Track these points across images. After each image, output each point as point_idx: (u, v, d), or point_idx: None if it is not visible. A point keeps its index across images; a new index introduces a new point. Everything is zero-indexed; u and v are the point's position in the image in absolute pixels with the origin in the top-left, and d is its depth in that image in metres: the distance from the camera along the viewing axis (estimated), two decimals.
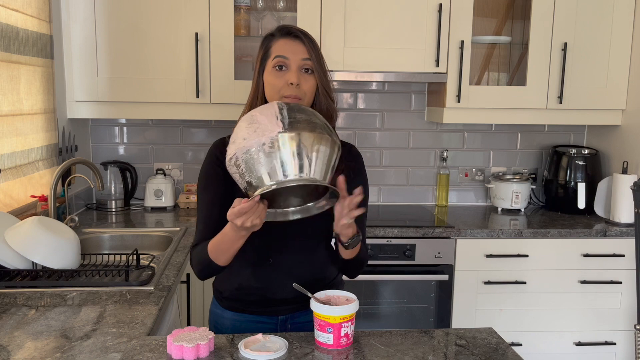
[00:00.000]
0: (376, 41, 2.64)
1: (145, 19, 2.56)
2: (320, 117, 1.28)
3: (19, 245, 1.69)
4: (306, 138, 1.19)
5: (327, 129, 1.26)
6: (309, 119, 1.23)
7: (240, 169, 1.21)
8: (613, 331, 2.66)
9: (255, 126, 1.20)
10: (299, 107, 1.26)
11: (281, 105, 1.25)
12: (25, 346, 1.25)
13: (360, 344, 1.28)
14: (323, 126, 1.25)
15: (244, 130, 1.22)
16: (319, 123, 1.24)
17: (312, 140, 1.19)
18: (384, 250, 2.50)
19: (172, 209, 2.88)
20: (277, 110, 1.23)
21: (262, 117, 1.21)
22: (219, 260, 1.40)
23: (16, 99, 2.09)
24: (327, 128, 1.26)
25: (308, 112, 1.26)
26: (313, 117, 1.26)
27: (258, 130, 1.19)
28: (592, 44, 2.75)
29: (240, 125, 1.25)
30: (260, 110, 1.25)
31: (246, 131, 1.21)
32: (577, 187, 2.85)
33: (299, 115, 1.23)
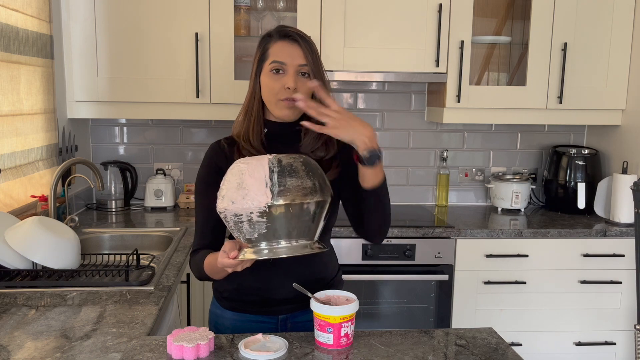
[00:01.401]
0: (376, 41, 2.64)
1: (146, 19, 2.56)
2: (314, 172, 1.25)
3: (19, 245, 1.69)
4: (295, 208, 1.19)
5: (319, 186, 1.23)
6: (301, 183, 1.21)
7: (229, 225, 1.25)
8: (613, 331, 2.66)
9: (244, 192, 1.19)
10: (291, 168, 1.22)
11: (272, 167, 1.21)
12: (25, 346, 1.25)
13: (360, 344, 1.28)
14: (316, 187, 1.23)
15: (232, 192, 1.21)
16: (309, 186, 1.22)
17: (301, 209, 1.20)
18: (384, 250, 2.50)
19: (172, 209, 2.88)
20: (267, 175, 1.20)
21: (251, 181, 1.20)
22: (214, 276, 1.44)
23: (16, 99, 2.09)
24: (319, 187, 1.24)
25: (300, 172, 1.22)
26: (305, 178, 1.22)
27: (246, 197, 1.19)
28: (592, 44, 2.75)
29: (230, 182, 1.23)
30: (250, 171, 1.22)
31: (234, 194, 1.21)
32: (577, 187, 2.85)
33: (290, 180, 1.20)
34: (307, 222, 1.22)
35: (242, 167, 1.23)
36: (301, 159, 1.25)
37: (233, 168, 1.25)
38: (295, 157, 1.25)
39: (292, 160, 1.23)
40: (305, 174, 1.22)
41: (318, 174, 1.26)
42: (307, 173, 1.23)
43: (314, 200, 1.21)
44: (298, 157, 1.25)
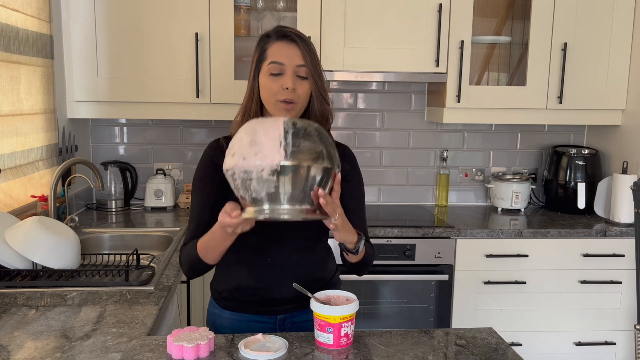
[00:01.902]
0: (376, 41, 2.64)
1: (146, 19, 2.56)
2: (326, 140, 1.25)
3: (19, 245, 1.69)
4: (306, 171, 1.19)
5: (330, 155, 1.24)
6: (314, 147, 1.21)
7: (235, 183, 1.23)
8: (613, 331, 2.66)
9: (257, 149, 1.19)
10: (305, 132, 1.22)
11: (287, 127, 1.21)
12: (25, 346, 1.25)
13: (360, 344, 1.28)
14: (326, 154, 1.23)
15: (245, 149, 1.20)
16: (323, 152, 1.22)
17: (312, 173, 1.20)
18: (384, 250, 2.50)
19: (172, 209, 2.88)
20: (282, 134, 1.19)
21: (265, 140, 1.19)
22: (207, 258, 1.40)
23: (16, 99, 2.09)
24: (330, 154, 1.24)
25: (314, 137, 1.22)
26: (318, 143, 1.22)
27: (259, 154, 1.18)
28: (592, 44, 2.75)
29: (242, 139, 1.22)
30: (264, 129, 1.21)
31: (246, 150, 1.20)
32: (577, 187, 2.85)
33: (304, 143, 1.20)
34: (313, 187, 1.22)
35: (257, 125, 1.23)
36: (315, 125, 1.26)
37: (246, 126, 1.25)
38: (310, 123, 1.25)
39: (307, 125, 1.24)
40: (318, 140, 1.23)
41: (329, 142, 1.26)
42: (320, 139, 1.23)
43: (323, 166, 1.21)
44: (312, 123, 1.26)
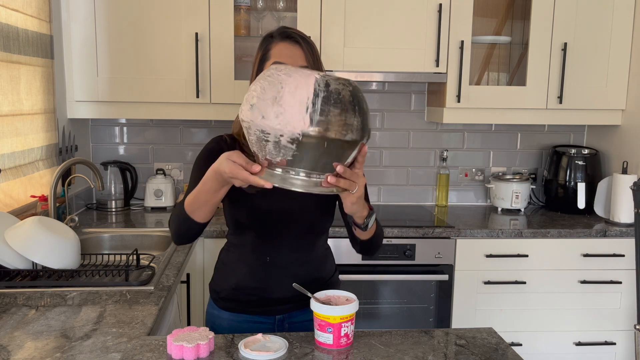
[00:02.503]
0: (376, 41, 2.64)
1: (145, 19, 2.56)
2: (360, 107, 1.11)
3: (19, 245, 1.69)
4: (330, 142, 1.08)
5: (361, 126, 1.11)
6: (344, 117, 1.08)
7: (250, 138, 1.13)
8: (613, 331, 2.66)
9: (279, 109, 1.06)
10: (338, 97, 1.08)
11: (318, 89, 1.06)
12: (25, 346, 1.25)
13: (360, 344, 1.28)
14: (357, 125, 1.10)
15: (266, 105, 1.07)
16: (354, 123, 1.09)
17: (336, 146, 1.09)
18: (384, 250, 2.50)
19: (172, 209, 2.88)
20: (311, 98, 1.06)
21: (291, 100, 1.06)
22: (195, 214, 1.33)
23: (16, 99, 2.09)
24: (361, 125, 1.11)
25: (346, 103, 1.08)
26: (350, 112, 1.08)
27: (280, 117, 1.06)
28: (592, 44, 2.75)
29: (265, 90, 1.09)
30: (291, 87, 1.07)
31: (267, 107, 1.07)
32: (577, 187, 2.85)
33: (334, 110, 1.06)
34: (334, 159, 1.12)
35: (284, 77, 1.08)
36: (350, 87, 1.11)
37: (272, 75, 1.11)
38: (345, 84, 1.11)
39: (341, 88, 1.09)
40: (350, 107, 1.09)
41: (363, 109, 1.13)
42: (353, 106, 1.10)
43: (350, 138, 1.09)
44: (347, 85, 1.11)
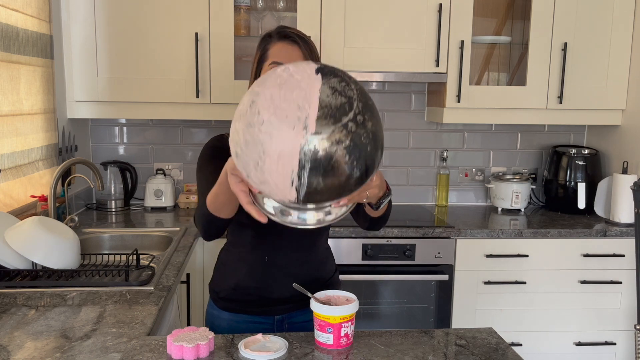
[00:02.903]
0: (376, 41, 2.64)
1: (145, 19, 2.56)
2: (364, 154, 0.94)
3: (19, 245, 1.69)
4: (323, 210, 1.03)
5: (363, 175, 0.97)
6: (339, 182, 0.94)
7: (242, 176, 1.04)
8: (613, 331, 2.66)
9: (262, 178, 0.95)
10: (328, 164, 0.92)
11: (303, 160, 0.91)
12: (25, 346, 1.25)
13: (360, 344, 1.28)
14: (356, 180, 0.97)
15: (250, 168, 0.97)
16: (351, 181, 0.96)
17: (332, 214, 1.03)
18: (384, 250, 2.50)
19: (172, 209, 2.88)
20: (296, 171, 0.92)
21: (275, 171, 0.93)
22: (220, 213, 1.28)
23: (16, 99, 2.09)
24: (363, 173, 0.97)
25: (339, 167, 0.93)
26: (346, 172, 0.94)
27: (265, 185, 0.96)
28: (592, 44, 2.75)
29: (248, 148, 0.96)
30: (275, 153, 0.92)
31: (252, 172, 0.97)
32: (577, 187, 2.85)
33: (326, 180, 0.93)
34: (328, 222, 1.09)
35: (264, 138, 0.93)
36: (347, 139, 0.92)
37: (253, 125, 0.95)
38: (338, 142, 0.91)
39: (334, 149, 0.91)
40: (349, 162, 0.94)
41: (368, 152, 0.96)
42: (352, 161, 0.94)
43: (354, 190, 0.99)
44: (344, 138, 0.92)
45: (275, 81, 0.98)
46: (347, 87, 0.98)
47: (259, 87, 1.00)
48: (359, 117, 0.96)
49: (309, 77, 0.98)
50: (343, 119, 0.94)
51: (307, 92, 0.96)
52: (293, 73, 0.99)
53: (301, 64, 1.02)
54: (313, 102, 0.95)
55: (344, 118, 0.94)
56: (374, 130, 0.97)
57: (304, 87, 0.96)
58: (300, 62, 1.04)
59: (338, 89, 0.97)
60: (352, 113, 0.96)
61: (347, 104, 0.96)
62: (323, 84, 0.97)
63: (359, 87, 1.00)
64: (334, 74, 1.00)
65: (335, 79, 0.99)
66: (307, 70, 1.00)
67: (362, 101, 0.97)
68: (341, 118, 0.94)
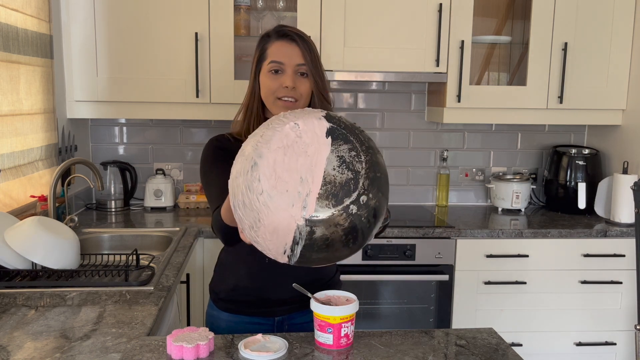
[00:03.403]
0: (376, 41, 2.64)
1: (145, 18, 2.55)
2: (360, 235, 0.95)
3: (19, 245, 1.69)
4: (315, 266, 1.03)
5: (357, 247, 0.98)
6: (333, 256, 0.95)
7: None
8: (613, 331, 2.66)
9: (257, 239, 0.96)
10: (322, 244, 0.92)
11: (298, 238, 0.91)
12: (25, 346, 1.24)
13: (360, 344, 1.28)
14: (350, 252, 0.98)
15: (245, 226, 0.97)
16: (342, 255, 0.97)
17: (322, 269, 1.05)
18: (384, 251, 2.50)
19: (172, 209, 2.88)
20: (290, 244, 0.93)
21: (269, 239, 0.94)
22: (236, 223, 1.22)
23: (16, 99, 2.08)
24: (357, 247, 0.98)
25: (336, 245, 0.92)
26: (341, 250, 0.94)
27: (260, 245, 0.98)
28: (592, 43, 2.74)
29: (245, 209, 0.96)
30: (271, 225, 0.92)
31: (247, 230, 0.98)
32: (577, 187, 2.84)
33: (318, 255, 0.94)
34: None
35: (261, 207, 0.92)
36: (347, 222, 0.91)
37: (251, 190, 0.94)
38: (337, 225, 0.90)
39: (330, 232, 0.90)
40: (344, 241, 0.92)
41: (366, 229, 0.94)
42: (348, 240, 0.92)
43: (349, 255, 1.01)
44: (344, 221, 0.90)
45: (282, 142, 0.95)
46: (356, 159, 0.94)
47: (264, 145, 0.96)
48: (363, 197, 0.93)
49: (318, 140, 0.94)
50: (345, 201, 0.91)
51: (312, 161, 0.93)
52: (302, 133, 0.95)
53: (312, 120, 0.96)
54: (317, 175, 0.92)
55: (346, 200, 0.91)
56: (376, 206, 0.95)
57: (310, 154, 0.93)
58: (312, 114, 0.98)
59: (347, 160, 0.93)
60: (356, 194, 0.92)
61: (353, 182, 0.92)
62: (331, 151, 0.93)
63: (370, 157, 0.95)
64: (345, 139, 0.95)
65: (346, 145, 0.94)
66: (317, 130, 0.95)
67: (369, 177, 0.93)
68: (343, 200, 0.91)
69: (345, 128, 0.98)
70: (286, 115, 1.02)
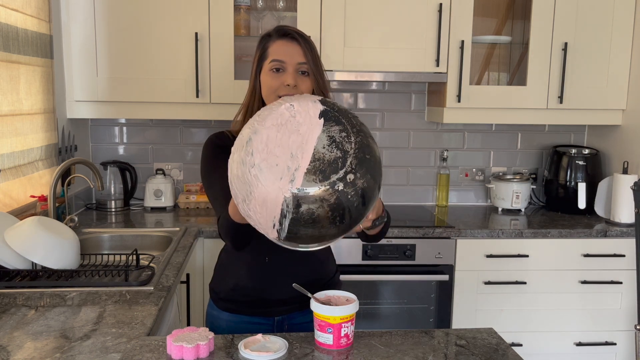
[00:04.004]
0: (376, 41, 2.63)
1: (145, 18, 2.55)
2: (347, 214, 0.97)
3: (19, 246, 1.69)
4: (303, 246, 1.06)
5: (346, 227, 1.00)
6: (319, 233, 0.98)
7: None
8: (613, 331, 2.66)
9: (249, 213, 1.00)
10: (309, 218, 0.95)
11: (285, 211, 0.95)
12: (25, 346, 1.24)
13: (360, 344, 1.28)
14: (337, 233, 1.01)
15: (239, 199, 1.02)
16: (330, 234, 1.00)
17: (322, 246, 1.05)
18: (384, 251, 2.50)
19: (171, 209, 2.88)
20: (278, 217, 0.96)
21: (260, 212, 0.98)
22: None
23: (16, 99, 2.08)
24: (346, 226, 1.00)
25: (320, 221, 0.95)
26: (327, 227, 0.97)
27: (251, 219, 1.02)
28: (592, 43, 2.74)
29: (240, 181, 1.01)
30: (261, 197, 0.96)
31: (240, 204, 1.02)
32: (577, 187, 2.84)
33: (305, 230, 0.97)
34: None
35: (252, 180, 0.97)
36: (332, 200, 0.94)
37: (245, 163, 0.99)
38: (323, 200, 0.93)
39: (316, 207, 0.93)
40: (331, 218, 0.95)
41: (353, 209, 0.97)
42: (334, 217, 0.95)
43: (330, 243, 1.05)
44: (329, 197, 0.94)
45: (276, 120, 0.99)
46: (346, 139, 0.97)
47: (259, 123, 1.01)
48: (350, 175, 0.96)
49: (311, 120, 0.97)
50: (332, 177, 0.95)
51: (303, 139, 0.96)
52: (296, 113, 0.98)
53: (307, 102, 1.00)
54: (307, 152, 0.95)
55: (333, 176, 0.95)
56: (364, 187, 0.97)
57: (302, 132, 0.97)
58: (307, 98, 1.02)
59: (337, 139, 0.96)
60: (343, 171, 0.95)
61: (341, 160, 0.96)
62: (323, 131, 0.97)
63: (360, 138, 0.98)
64: (337, 121, 0.98)
65: (337, 127, 0.98)
66: (311, 112, 0.99)
67: (357, 157, 0.97)
68: (330, 175, 0.95)
69: (338, 111, 1.01)
70: (284, 98, 1.07)
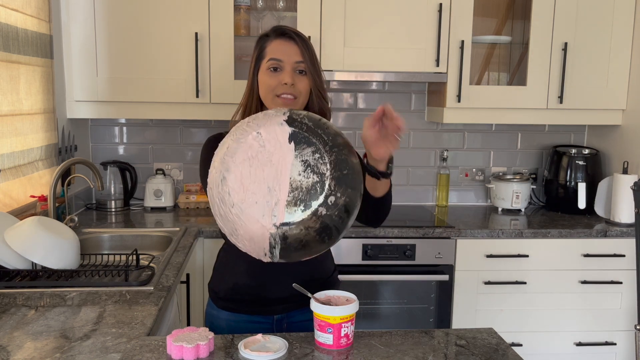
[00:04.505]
0: (376, 41, 2.63)
1: (145, 18, 2.55)
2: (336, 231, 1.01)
3: (19, 246, 1.69)
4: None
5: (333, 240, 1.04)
6: (308, 254, 1.03)
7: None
8: (613, 331, 2.66)
9: (239, 244, 1.05)
10: (298, 245, 0.99)
11: (274, 244, 0.99)
12: (24, 346, 1.24)
13: (360, 344, 1.28)
14: (326, 246, 1.05)
15: (226, 231, 1.05)
16: (320, 249, 1.05)
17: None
18: (384, 251, 2.50)
19: (171, 209, 2.88)
20: (267, 249, 1.01)
21: (249, 246, 1.02)
22: None
23: (16, 99, 2.08)
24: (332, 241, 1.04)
25: (311, 244, 0.99)
26: (317, 247, 1.01)
27: (243, 248, 1.05)
28: (592, 43, 2.74)
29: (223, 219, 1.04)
30: (247, 236, 1.00)
31: (228, 235, 1.07)
32: (577, 187, 2.84)
33: (296, 253, 1.01)
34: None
35: (235, 219, 0.99)
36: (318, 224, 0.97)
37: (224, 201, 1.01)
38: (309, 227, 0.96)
39: (304, 234, 0.96)
40: (319, 239, 0.98)
41: (339, 225, 1.00)
42: (322, 237, 0.98)
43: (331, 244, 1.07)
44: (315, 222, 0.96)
45: (246, 153, 0.99)
46: (320, 161, 0.98)
47: (230, 157, 1.00)
48: (331, 198, 0.98)
49: (281, 148, 0.98)
50: (313, 205, 0.97)
51: (277, 170, 0.97)
52: (265, 142, 0.98)
53: (274, 126, 0.99)
54: (283, 183, 0.97)
55: (314, 203, 0.97)
56: (346, 202, 0.99)
57: (275, 162, 0.98)
58: (273, 119, 1.01)
59: (311, 163, 0.98)
60: (323, 196, 0.98)
61: (319, 184, 0.97)
62: (295, 156, 0.98)
63: (334, 156, 0.98)
64: (308, 142, 0.98)
65: (309, 149, 0.99)
66: (280, 137, 0.98)
67: (334, 177, 0.98)
68: (311, 204, 0.97)
69: (307, 130, 1.01)
70: (249, 123, 1.05)
